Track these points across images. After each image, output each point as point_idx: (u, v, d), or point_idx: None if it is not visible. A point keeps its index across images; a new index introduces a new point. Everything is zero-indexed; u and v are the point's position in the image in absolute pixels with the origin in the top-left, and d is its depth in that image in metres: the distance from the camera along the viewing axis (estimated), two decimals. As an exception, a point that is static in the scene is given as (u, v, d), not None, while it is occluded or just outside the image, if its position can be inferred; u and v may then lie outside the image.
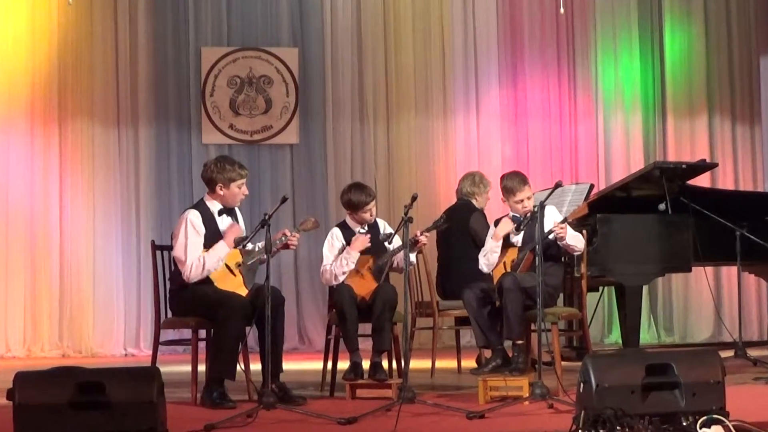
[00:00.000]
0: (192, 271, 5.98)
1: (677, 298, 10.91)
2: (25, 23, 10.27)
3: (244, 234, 6.21)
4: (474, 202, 7.87)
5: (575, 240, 6.17)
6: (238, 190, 6.14)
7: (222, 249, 6.03)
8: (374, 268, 6.42)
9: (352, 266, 6.38)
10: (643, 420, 4.32)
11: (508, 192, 6.30)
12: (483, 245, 6.66)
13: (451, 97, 10.84)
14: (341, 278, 6.38)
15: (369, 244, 6.40)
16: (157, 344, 6.32)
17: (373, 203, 6.51)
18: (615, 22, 11.05)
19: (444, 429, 5.07)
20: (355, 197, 6.48)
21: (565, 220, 6.16)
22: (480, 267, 6.42)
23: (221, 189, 6.12)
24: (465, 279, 6.83)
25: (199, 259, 5.99)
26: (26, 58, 10.25)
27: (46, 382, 4.29)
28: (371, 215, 6.51)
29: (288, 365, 6.35)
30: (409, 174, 10.71)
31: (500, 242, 6.30)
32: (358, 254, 6.38)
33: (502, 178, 6.41)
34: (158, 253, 6.34)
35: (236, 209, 6.26)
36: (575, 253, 6.32)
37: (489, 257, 6.35)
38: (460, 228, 7.62)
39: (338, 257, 6.44)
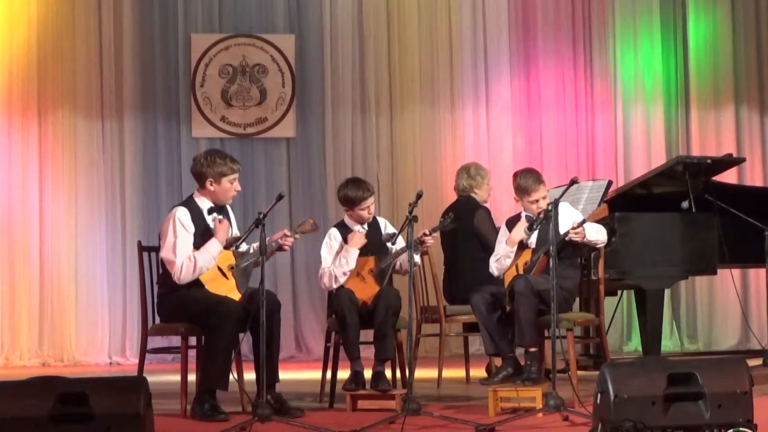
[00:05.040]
0: (183, 272, 5.98)
1: (701, 303, 10.91)
2: (0, 7, 10.27)
3: (235, 232, 6.23)
4: (474, 195, 7.87)
5: (597, 234, 6.16)
6: (230, 185, 6.15)
7: (214, 247, 6.04)
8: (376, 270, 6.43)
9: (353, 265, 6.38)
10: (665, 433, 4.35)
11: (521, 191, 6.30)
12: (488, 246, 6.66)
13: (458, 87, 10.84)
14: (341, 280, 6.38)
15: (365, 240, 6.40)
16: (144, 352, 6.32)
17: (371, 199, 6.51)
18: (635, 5, 11.05)
19: (451, 443, 5.09)
20: (352, 192, 6.49)
21: (584, 222, 6.15)
22: (491, 271, 6.43)
23: (212, 184, 6.12)
24: (473, 282, 6.84)
25: (190, 258, 5.98)
26: (2, 45, 10.26)
27: (24, 393, 4.29)
28: (369, 212, 6.51)
29: (284, 375, 6.35)
30: (413, 170, 10.72)
31: (515, 248, 6.30)
32: (357, 252, 6.39)
33: (515, 176, 6.40)
34: (145, 254, 6.35)
35: (228, 207, 6.26)
36: (598, 246, 6.31)
37: (502, 262, 6.36)
38: (466, 228, 7.63)
39: (337, 258, 6.44)
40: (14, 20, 10.30)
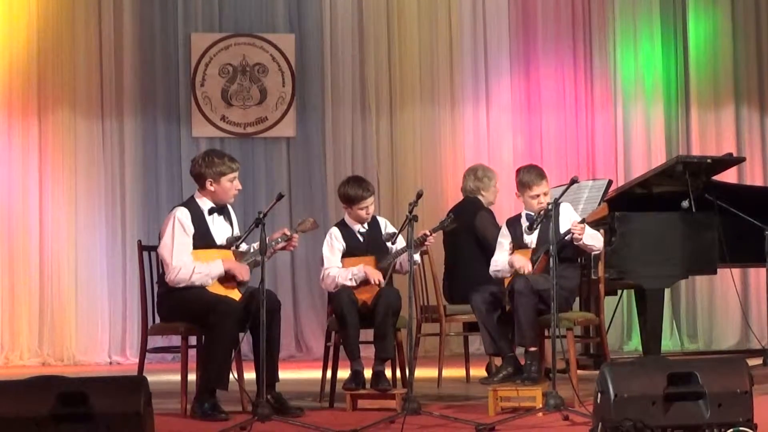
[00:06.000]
0: (177, 276, 5.98)
1: (701, 303, 10.91)
2: (0, 7, 10.27)
3: (235, 231, 6.23)
4: (481, 197, 7.88)
5: (593, 239, 6.17)
6: (230, 184, 6.15)
7: (216, 269, 6.02)
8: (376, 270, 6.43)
9: (355, 284, 6.38)
10: (665, 433, 4.35)
11: (523, 186, 6.30)
12: (489, 245, 6.67)
13: (459, 86, 10.84)
14: (340, 287, 6.39)
15: (383, 283, 6.38)
16: (145, 351, 6.33)
17: (371, 199, 6.51)
18: (635, 5, 11.04)
19: (451, 442, 5.08)
20: (352, 191, 6.49)
21: (583, 221, 6.15)
22: (490, 272, 6.45)
23: (211, 184, 6.12)
24: (473, 282, 6.83)
25: (188, 266, 5.96)
26: (2, 44, 10.26)
27: (24, 393, 4.29)
28: (368, 213, 6.51)
29: (284, 374, 6.35)
30: (413, 169, 10.71)
31: (513, 269, 6.30)
32: (364, 278, 6.37)
33: (518, 171, 6.42)
34: (145, 253, 6.35)
35: (229, 207, 6.26)
36: (593, 253, 6.32)
37: (500, 274, 6.36)
38: (468, 228, 7.63)
39: (345, 263, 6.43)
40: (14, 20, 10.29)
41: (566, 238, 6.10)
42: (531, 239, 6.34)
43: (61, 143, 10.30)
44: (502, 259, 6.37)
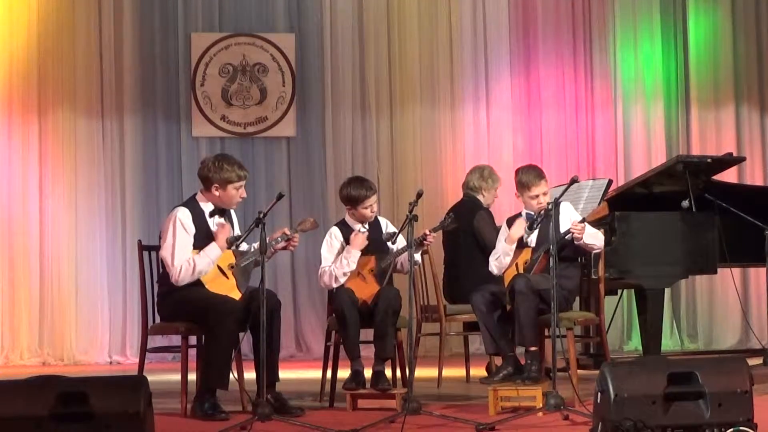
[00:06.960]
0: (181, 274, 5.99)
1: (701, 302, 10.91)
2: (0, 7, 10.27)
3: (236, 231, 6.23)
4: (480, 198, 7.88)
5: (594, 238, 6.17)
6: (236, 192, 6.14)
7: (213, 251, 6.04)
8: (376, 269, 6.43)
9: (353, 266, 6.38)
10: (665, 432, 4.34)
11: (522, 186, 6.30)
12: (487, 246, 6.67)
13: (459, 86, 10.84)
14: (342, 280, 6.38)
15: (368, 242, 6.40)
16: (145, 351, 6.32)
17: (373, 198, 6.51)
18: (635, 5, 11.04)
19: (451, 442, 5.08)
20: (355, 191, 6.49)
21: (583, 220, 6.16)
22: (490, 269, 6.43)
23: (217, 190, 6.12)
24: (474, 281, 6.84)
25: (189, 261, 5.99)
26: (2, 44, 10.26)
27: (24, 392, 4.29)
28: (372, 211, 6.51)
29: (285, 374, 6.35)
30: (414, 169, 10.72)
31: (514, 245, 6.29)
32: (359, 253, 6.39)
33: (517, 171, 6.42)
34: (145, 253, 6.35)
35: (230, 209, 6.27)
36: (594, 252, 6.32)
37: (501, 260, 6.35)
38: (467, 227, 7.63)
39: (338, 258, 6.45)
40: (14, 20, 10.29)
41: (566, 237, 6.10)
42: (531, 239, 6.34)
43: (61, 143, 10.30)
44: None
